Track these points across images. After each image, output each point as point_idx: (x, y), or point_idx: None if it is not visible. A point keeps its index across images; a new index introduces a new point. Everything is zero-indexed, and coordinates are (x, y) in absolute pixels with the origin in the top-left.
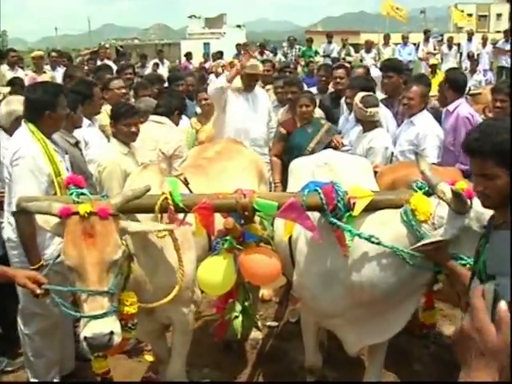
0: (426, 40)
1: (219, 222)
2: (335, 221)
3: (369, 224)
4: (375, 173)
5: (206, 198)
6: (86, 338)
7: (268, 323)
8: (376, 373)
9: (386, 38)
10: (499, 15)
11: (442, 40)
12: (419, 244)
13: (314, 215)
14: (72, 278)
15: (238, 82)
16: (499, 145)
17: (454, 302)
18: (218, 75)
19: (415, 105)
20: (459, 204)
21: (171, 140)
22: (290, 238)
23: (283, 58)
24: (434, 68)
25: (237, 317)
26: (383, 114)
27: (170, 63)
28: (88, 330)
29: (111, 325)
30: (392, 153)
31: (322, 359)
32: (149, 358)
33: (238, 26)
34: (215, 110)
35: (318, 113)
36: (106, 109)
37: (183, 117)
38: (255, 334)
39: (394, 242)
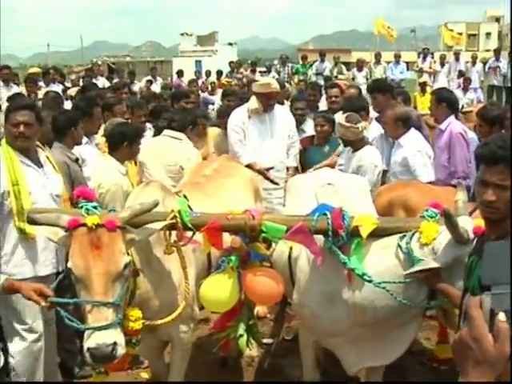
0: (424, 58)
1: (225, 238)
2: (335, 249)
3: (373, 248)
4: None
5: (214, 217)
6: (89, 348)
7: (264, 340)
8: None
9: (378, 57)
10: (488, 34)
11: (432, 58)
12: (412, 270)
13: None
14: (78, 288)
15: (254, 103)
16: None
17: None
18: (210, 93)
19: (390, 129)
20: (449, 227)
21: (191, 156)
22: (290, 254)
23: (276, 76)
24: (423, 86)
25: (242, 335)
26: (377, 129)
27: (162, 80)
28: (91, 340)
29: (115, 336)
30: (385, 170)
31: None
32: (144, 375)
33: (230, 44)
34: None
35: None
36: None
37: None
38: (251, 351)
39: (392, 266)
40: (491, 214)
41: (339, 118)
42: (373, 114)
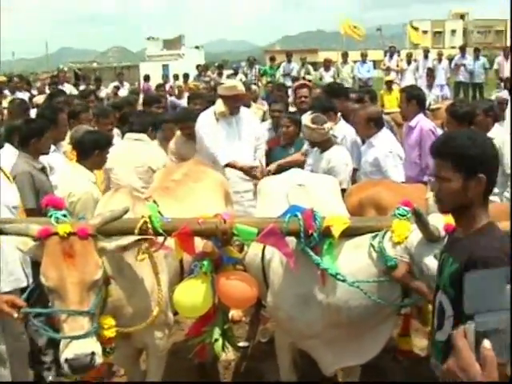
0: (391, 56)
1: (197, 243)
2: (308, 250)
3: (346, 248)
4: (343, 191)
5: (185, 223)
6: (67, 359)
7: (239, 344)
8: None
9: (345, 56)
10: (453, 31)
11: (399, 56)
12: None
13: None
14: (51, 299)
15: (220, 106)
16: (457, 148)
17: (426, 322)
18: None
19: (362, 129)
20: (419, 226)
21: (158, 155)
22: (263, 257)
23: (244, 78)
24: (389, 84)
25: (217, 340)
26: (344, 128)
27: (129, 85)
28: (69, 351)
29: (92, 345)
30: (355, 169)
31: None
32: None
33: (197, 47)
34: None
35: None
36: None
37: None
38: (227, 356)
39: (365, 266)
40: (438, 206)
41: (305, 119)
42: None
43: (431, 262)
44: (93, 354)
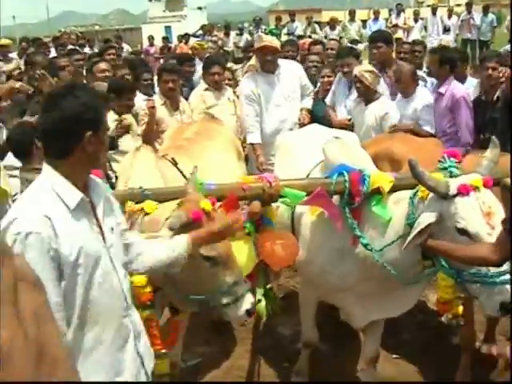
0: (398, 14)
1: None
2: (347, 212)
3: (387, 203)
4: None
5: (230, 189)
6: (247, 310)
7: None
8: (376, 345)
9: (352, 14)
10: None
11: (404, 13)
12: (409, 240)
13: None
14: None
15: (252, 60)
16: None
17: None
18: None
19: (407, 84)
20: (416, 179)
21: None
22: (293, 213)
23: (249, 38)
24: (397, 42)
25: (260, 301)
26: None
27: (131, 48)
28: (246, 303)
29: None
30: None
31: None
32: None
33: (199, 8)
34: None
35: None
36: None
37: None
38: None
39: (401, 219)
40: None
41: (360, 67)
42: None
43: (422, 218)
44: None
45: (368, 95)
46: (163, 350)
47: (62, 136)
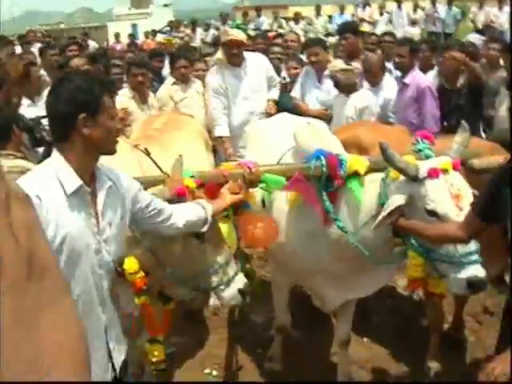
0: (363, 7)
1: None
2: (324, 195)
3: (363, 185)
4: None
5: (211, 176)
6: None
7: None
8: (347, 328)
9: (318, 9)
10: None
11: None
12: (378, 220)
13: None
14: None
15: (218, 53)
16: None
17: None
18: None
19: (376, 73)
20: (386, 161)
21: None
22: (263, 198)
23: (216, 33)
24: (363, 35)
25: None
26: None
27: (96, 45)
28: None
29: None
30: None
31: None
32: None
33: (166, 5)
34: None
35: None
36: None
37: None
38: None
39: (374, 200)
40: None
41: (337, 63)
42: None
43: (392, 200)
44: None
45: (345, 90)
46: (159, 336)
47: (57, 119)
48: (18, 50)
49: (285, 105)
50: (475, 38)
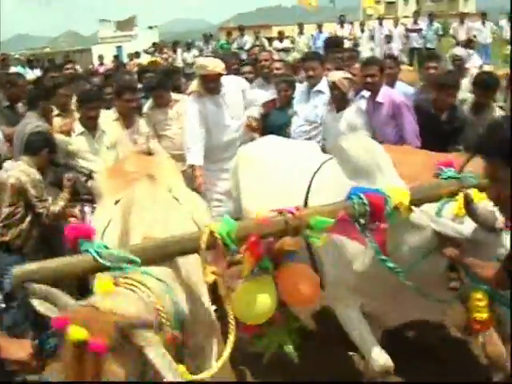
0: (341, 25)
1: None
2: (369, 237)
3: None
4: None
5: (249, 228)
6: None
7: None
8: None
9: (301, 27)
10: (406, 0)
11: (352, 25)
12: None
13: None
14: None
15: (194, 85)
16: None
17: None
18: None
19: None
20: (469, 214)
21: None
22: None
23: (197, 53)
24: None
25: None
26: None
27: (81, 69)
28: None
29: None
30: None
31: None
32: None
33: (150, 27)
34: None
35: None
36: None
37: None
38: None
39: (426, 233)
40: (505, 215)
41: (336, 74)
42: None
43: (467, 228)
44: None
45: (342, 102)
46: None
47: None
48: None
49: (274, 122)
50: (461, 51)
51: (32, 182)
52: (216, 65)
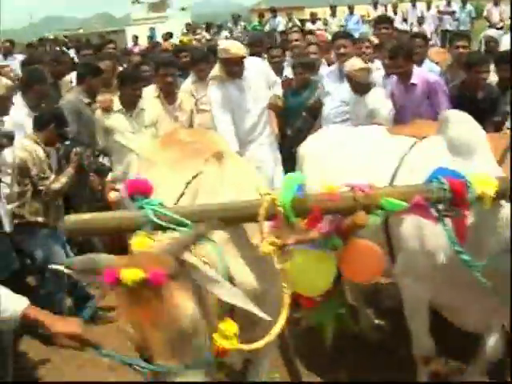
0: (375, 7)
1: None
2: (446, 226)
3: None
4: None
5: (314, 201)
6: None
7: None
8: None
9: (333, 9)
10: None
11: (385, 8)
12: None
13: None
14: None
15: (215, 70)
16: None
17: None
18: None
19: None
20: None
21: None
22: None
23: (228, 35)
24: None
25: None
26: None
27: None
28: None
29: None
30: None
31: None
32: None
33: (183, 9)
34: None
35: None
36: None
37: None
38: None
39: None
40: None
41: (353, 63)
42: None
43: None
44: None
45: (360, 89)
46: None
47: None
48: None
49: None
50: (493, 32)
51: (33, 160)
52: (239, 47)
